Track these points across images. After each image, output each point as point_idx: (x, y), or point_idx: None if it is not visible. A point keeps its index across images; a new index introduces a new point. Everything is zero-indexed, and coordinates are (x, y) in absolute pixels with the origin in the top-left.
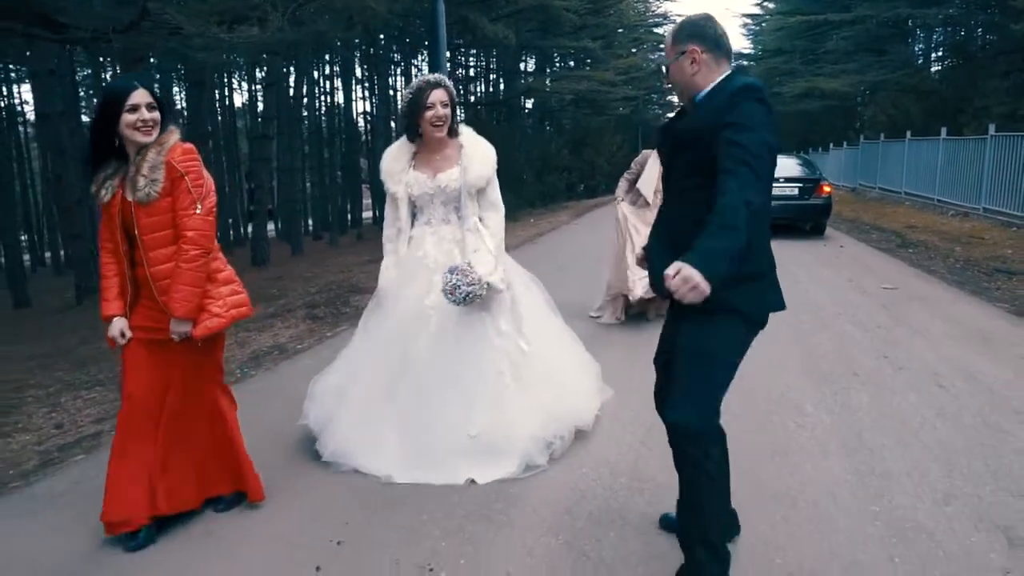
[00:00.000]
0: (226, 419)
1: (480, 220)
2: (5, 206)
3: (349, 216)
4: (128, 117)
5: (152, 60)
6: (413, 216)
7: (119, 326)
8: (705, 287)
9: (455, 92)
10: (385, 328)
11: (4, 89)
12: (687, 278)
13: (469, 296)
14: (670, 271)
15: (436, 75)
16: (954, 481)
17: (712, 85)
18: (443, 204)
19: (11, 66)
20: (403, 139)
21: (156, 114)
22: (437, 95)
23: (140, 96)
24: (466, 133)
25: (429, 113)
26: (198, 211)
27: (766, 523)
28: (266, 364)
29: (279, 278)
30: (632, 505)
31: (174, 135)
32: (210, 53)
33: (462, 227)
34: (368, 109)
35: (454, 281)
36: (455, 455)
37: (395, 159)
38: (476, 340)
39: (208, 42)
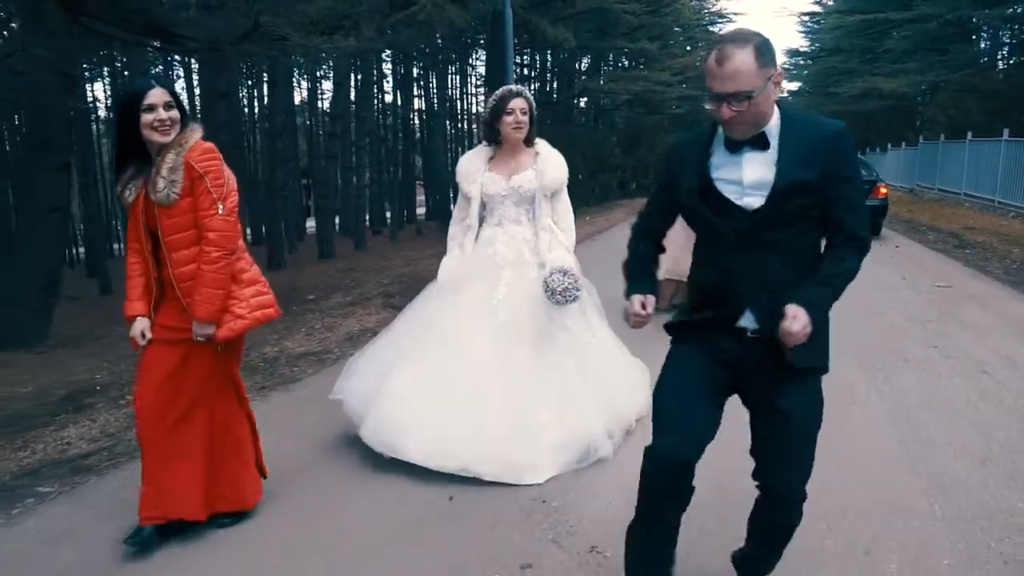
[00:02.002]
0: (232, 432)
1: (554, 223)
2: (88, 198)
3: (405, 212)
4: (145, 117)
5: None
6: (480, 218)
7: (140, 327)
8: (810, 329)
9: (533, 104)
10: (447, 317)
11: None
12: (807, 323)
13: (575, 299)
14: (791, 322)
15: (518, 86)
16: (991, 448)
17: (779, 118)
18: (515, 205)
19: (85, 65)
20: (481, 145)
21: (174, 113)
22: (518, 103)
23: (157, 96)
24: (541, 143)
25: (509, 118)
26: (220, 212)
27: (820, 474)
28: (360, 345)
29: (350, 270)
30: (705, 470)
31: (195, 134)
32: (289, 57)
33: (535, 227)
34: (423, 107)
35: (566, 283)
36: (522, 445)
37: (471, 161)
38: (543, 335)
39: (306, 49)
